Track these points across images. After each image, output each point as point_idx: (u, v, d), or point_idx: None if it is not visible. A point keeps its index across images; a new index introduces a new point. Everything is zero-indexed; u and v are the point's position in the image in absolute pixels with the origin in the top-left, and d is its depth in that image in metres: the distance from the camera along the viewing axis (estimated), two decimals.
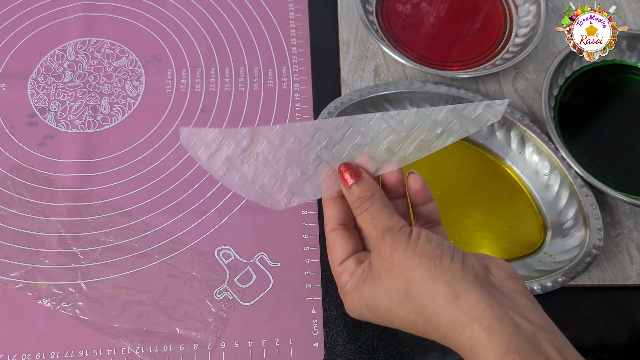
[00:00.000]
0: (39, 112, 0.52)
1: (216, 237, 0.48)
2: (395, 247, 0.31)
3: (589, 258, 0.45)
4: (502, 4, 0.60)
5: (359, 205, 0.33)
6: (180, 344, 0.44)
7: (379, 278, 0.31)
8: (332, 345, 0.45)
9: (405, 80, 0.53)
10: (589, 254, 0.45)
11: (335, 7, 0.59)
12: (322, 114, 0.50)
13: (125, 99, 0.54)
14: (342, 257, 0.34)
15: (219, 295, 0.46)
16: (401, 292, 0.30)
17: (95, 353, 0.43)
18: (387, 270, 0.31)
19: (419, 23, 0.58)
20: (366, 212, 0.32)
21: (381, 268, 0.31)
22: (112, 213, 0.48)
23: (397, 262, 0.30)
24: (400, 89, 0.52)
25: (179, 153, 0.51)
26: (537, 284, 0.44)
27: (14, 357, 0.43)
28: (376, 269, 0.32)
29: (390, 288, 0.31)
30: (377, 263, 0.32)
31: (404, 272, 0.30)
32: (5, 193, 0.49)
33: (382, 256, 0.31)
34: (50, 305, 0.45)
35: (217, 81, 0.55)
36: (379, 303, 0.31)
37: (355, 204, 0.33)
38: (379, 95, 0.51)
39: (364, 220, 0.33)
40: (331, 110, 0.50)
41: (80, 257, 0.46)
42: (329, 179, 0.35)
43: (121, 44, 0.56)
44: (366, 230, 0.33)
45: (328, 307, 0.46)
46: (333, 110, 0.50)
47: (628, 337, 0.47)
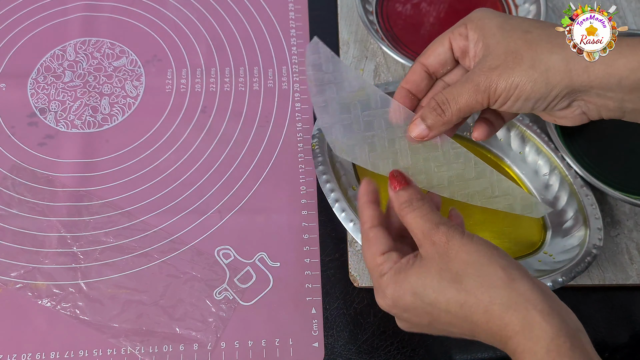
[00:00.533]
0: (39, 112, 0.52)
1: (216, 237, 0.48)
2: (452, 236, 0.33)
3: (589, 258, 0.45)
4: (502, 4, 0.60)
5: (409, 205, 0.35)
6: (180, 344, 0.44)
7: (430, 262, 0.33)
8: (332, 345, 0.45)
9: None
10: (589, 254, 0.45)
11: (335, 7, 0.59)
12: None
13: (125, 99, 0.54)
14: (384, 249, 0.35)
15: (219, 295, 0.46)
16: (454, 272, 0.32)
17: (95, 353, 0.43)
18: (440, 254, 0.32)
19: (419, 23, 0.58)
20: (417, 210, 0.34)
21: (434, 253, 0.33)
22: (112, 213, 0.48)
23: (453, 247, 0.32)
24: None
25: (179, 153, 0.51)
26: None
27: (14, 357, 0.43)
28: (427, 254, 0.33)
29: (442, 269, 0.32)
30: (428, 250, 0.33)
31: (460, 255, 0.32)
32: (5, 193, 0.49)
33: (436, 243, 0.33)
34: (50, 305, 0.45)
35: (217, 81, 0.55)
36: (427, 283, 0.32)
37: (405, 204, 0.35)
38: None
39: (414, 217, 0.34)
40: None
41: (80, 257, 0.46)
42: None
43: (121, 44, 0.56)
44: (415, 225, 0.34)
45: (328, 307, 0.46)
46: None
47: (628, 337, 0.47)
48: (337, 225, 0.46)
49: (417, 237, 0.34)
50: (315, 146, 0.48)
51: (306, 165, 0.51)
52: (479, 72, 0.35)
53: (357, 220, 0.45)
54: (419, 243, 0.34)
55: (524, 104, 0.35)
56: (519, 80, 0.34)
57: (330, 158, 0.48)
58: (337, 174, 0.48)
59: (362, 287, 0.47)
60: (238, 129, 0.53)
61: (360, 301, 0.47)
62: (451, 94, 0.36)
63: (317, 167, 0.47)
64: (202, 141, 0.52)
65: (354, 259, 0.47)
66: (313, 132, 0.49)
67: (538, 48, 0.34)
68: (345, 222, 0.45)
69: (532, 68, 0.34)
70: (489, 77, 0.34)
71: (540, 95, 0.34)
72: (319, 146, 0.48)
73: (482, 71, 0.35)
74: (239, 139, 0.52)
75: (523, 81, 0.34)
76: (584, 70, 0.34)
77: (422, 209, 0.35)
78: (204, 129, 0.53)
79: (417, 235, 0.34)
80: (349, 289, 0.47)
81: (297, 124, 0.53)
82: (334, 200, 0.45)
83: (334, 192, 0.45)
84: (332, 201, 0.45)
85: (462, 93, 0.35)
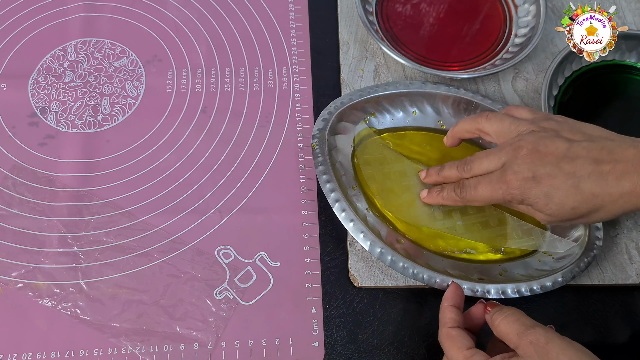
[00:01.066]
0: (40, 112, 0.53)
1: (216, 237, 0.48)
2: (551, 338, 0.34)
3: (588, 258, 0.45)
4: (502, 4, 0.60)
5: (500, 312, 0.37)
6: (180, 344, 0.44)
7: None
8: (332, 345, 0.45)
9: (405, 80, 0.53)
10: (588, 254, 0.45)
11: (335, 7, 0.59)
12: (322, 114, 0.50)
13: (126, 99, 0.54)
14: (469, 345, 0.37)
15: (220, 294, 0.46)
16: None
17: (96, 352, 0.44)
18: (540, 354, 0.34)
19: (419, 23, 0.58)
20: (510, 316, 0.37)
21: (533, 353, 0.34)
22: (112, 213, 0.48)
23: (554, 349, 0.34)
24: (400, 88, 0.52)
25: (179, 153, 0.51)
26: (537, 284, 0.44)
27: (14, 356, 0.43)
28: (525, 354, 0.35)
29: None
30: (527, 350, 0.35)
31: (561, 357, 0.34)
32: (6, 193, 0.49)
33: (534, 343, 0.34)
34: (50, 304, 0.45)
35: (217, 81, 0.55)
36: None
37: (496, 312, 0.37)
38: (379, 95, 0.52)
39: (508, 322, 0.36)
40: (331, 110, 0.50)
41: (80, 256, 0.47)
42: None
43: (121, 44, 0.56)
44: (509, 329, 0.36)
45: (328, 307, 0.46)
46: (333, 111, 0.50)
47: (628, 337, 0.47)
48: (337, 225, 0.46)
49: (513, 340, 0.36)
50: (315, 146, 0.48)
51: (306, 165, 0.51)
52: None
53: (357, 220, 0.45)
54: (515, 345, 0.36)
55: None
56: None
57: (330, 158, 0.48)
58: (337, 173, 0.48)
59: (362, 287, 0.47)
60: (238, 129, 0.53)
61: (360, 301, 0.47)
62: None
63: (317, 167, 0.47)
64: (202, 141, 0.52)
65: (354, 259, 0.47)
66: (313, 133, 0.49)
67: None
68: (345, 222, 0.45)
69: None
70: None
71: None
72: (319, 146, 0.48)
73: None
74: (239, 139, 0.52)
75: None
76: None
77: (514, 314, 0.37)
78: (205, 129, 0.53)
79: (513, 339, 0.36)
80: (349, 289, 0.47)
81: (297, 124, 0.53)
82: (334, 200, 0.45)
83: (334, 192, 0.45)
84: (332, 201, 0.45)
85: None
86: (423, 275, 0.44)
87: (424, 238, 0.47)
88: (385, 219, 0.48)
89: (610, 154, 0.37)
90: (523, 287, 0.44)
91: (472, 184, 0.43)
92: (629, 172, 0.36)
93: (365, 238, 0.44)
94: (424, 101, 0.53)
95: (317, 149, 0.48)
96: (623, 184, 0.36)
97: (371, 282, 0.46)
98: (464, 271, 0.45)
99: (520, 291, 0.44)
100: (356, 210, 0.46)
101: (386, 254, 0.44)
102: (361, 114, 0.52)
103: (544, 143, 0.39)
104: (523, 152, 0.40)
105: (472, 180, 0.43)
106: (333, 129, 0.50)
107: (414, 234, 0.47)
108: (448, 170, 0.46)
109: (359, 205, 0.47)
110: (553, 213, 0.39)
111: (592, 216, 0.39)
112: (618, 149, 0.37)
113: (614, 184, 0.37)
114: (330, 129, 0.49)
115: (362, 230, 0.44)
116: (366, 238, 0.44)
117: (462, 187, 0.44)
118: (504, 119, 0.43)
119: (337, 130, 0.50)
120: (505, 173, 0.40)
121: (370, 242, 0.44)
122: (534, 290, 0.44)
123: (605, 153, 0.38)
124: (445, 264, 0.46)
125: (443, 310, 0.39)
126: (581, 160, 0.38)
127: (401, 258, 0.44)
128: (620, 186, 0.37)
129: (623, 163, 0.37)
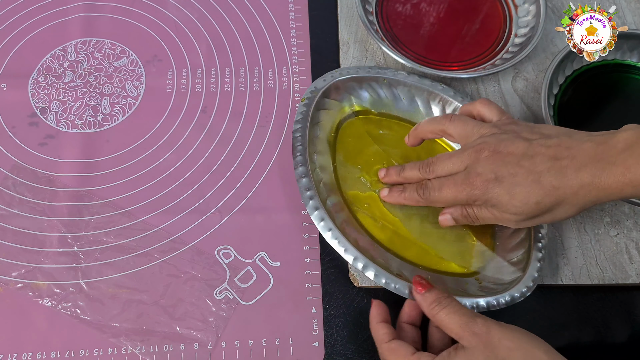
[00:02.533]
0: (40, 112, 0.53)
1: (216, 237, 0.48)
2: (491, 326, 0.37)
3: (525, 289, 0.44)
4: (502, 4, 0.60)
5: (439, 304, 0.39)
6: (180, 344, 0.44)
7: (474, 351, 0.36)
8: (332, 345, 0.45)
9: (390, 69, 0.54)
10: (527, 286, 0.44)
11: (335, 7, 0.59)
12: (317, 81, 0.52)
13: (126, 99, 0.54)
14: (412, 351, 0.39)
15: (220, 294, 0.46)
16: (501, 358, 0.35)
17: (96, 352, 0.44)
18: (485, 343, 0.36)
19: (419, 23, 0.58)
20: (448, 307, 0.38)
21: (478, 343, 0.36)
22: (112, 213, 0.48)
23: (495, 335, 0.36)
24: (388, 75, 0.53)
25: (179, 153, 0.51)
26: (505, 297, 0.43)
27: (14, 356, 0.43)
28: (470, 345, 0.36)
29: (489, 356, 0.36)
30: (471, 341, 0.36)
31: (504, 342, 0.36)
32: (6, 193, 0.49)
33: (477, 334, 0.36)
34: (50, 304, 0.45)
35: (217, 81, 0.55)
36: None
37: (434, 304, 0.39)
38: (377, 76, 0.53)
39: (447, 314, 0.38)
40: (327, 79, 0.52)
41: (80, 256, 0.47)
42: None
43: (121, 44, 0.56)
44: (450, 321, 0.38)
45: (328, 307, 0.46)
46: (329, 79, 0.52)
47: (628, 336, 0.47)
48: None
49: (455, 331, 0.37)
50: (304, 100, 0.50)
51: None
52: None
53: (334, 228, 0.44)
54: (459, 336, 0.37)
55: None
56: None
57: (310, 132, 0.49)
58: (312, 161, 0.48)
59: (362, 286, 0.47)
60: (238, 129, 0.53)
61: (360, 300, 0.47)
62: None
63: (297, 169, 0.46)
64: (202, 141, 0.52)
65: None
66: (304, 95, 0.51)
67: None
68: (323, 230, 0.44)
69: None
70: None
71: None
72: (307, 102, 0.49)
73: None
74: (239, 139, 0.52)
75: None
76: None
77: (452, 306, 0.38)
78: (205, 129, 0.53)
79: (454, 330, 0.37)
80: (349, 289, 0.47)
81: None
82: (313, 208, 0.45)
83: (312, 200, 0.45)
84: (310, 209, 0.45)
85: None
86: (395, 285, 0.42)
87: (398, 246, 0.46)
88: (361, 226, 0.47)
89: (568, 150, 0.39)
90: (493, 300, 0.42)
91: (435, 186, 0.43)
92: (587, 165, 0.37)
93: (340, 244, 0.43)
94: (418, 94, 0.53)
95: (303, 107, 0.49)
96: (582, 176, 0.37)
97: (371, 281, 0.46)
98: (435, 282, 0.44)
99: (491, 304, 0.42)
100: (333, 217, 0.45)
101: (360, 260, 0.43)
102: (347, 94, 0.52)
103: (504, 144, 0.40)
104: (485, 154, 0.40)
105: (436, 181, 0.43)
106: (319, 104, 0.51)
107: (387, 242, 0.47)
108: (409, 172, 0.46)
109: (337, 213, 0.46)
110: (518, 210, 0.40)
111: (557, 211, 0.39)
112: (575, 144, 0.39)
113: (573, 176, 0.38)
114: (323, 96, 0.51)
115: (337, 237, 0.43)
116: (341, 244, 0.43)
117: (424, 188, 0.44)
118: (467, 121, 0.44)
119: (324, 106, 0.51)
120: (469, 175, 0.41)
121: (344, 248, 0.43)
122: (501, 303, 0.42)
123: (563, 149, 0.39)
124: (417, 273, 0.45)
125: (374, 329, 0.41)
126: (540, 157, 0.39)
127: (374, 266, 0.43)
128: (579, 178, 0.37)
129: (580, 157, 0.38)
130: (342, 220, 0.46)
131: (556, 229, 0.50)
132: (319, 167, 0.48)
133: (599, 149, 0.37)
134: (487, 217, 0.42)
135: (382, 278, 0.42)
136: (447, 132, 0.45)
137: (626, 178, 0.36)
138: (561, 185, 0.38)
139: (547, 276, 0.48)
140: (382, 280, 0.42)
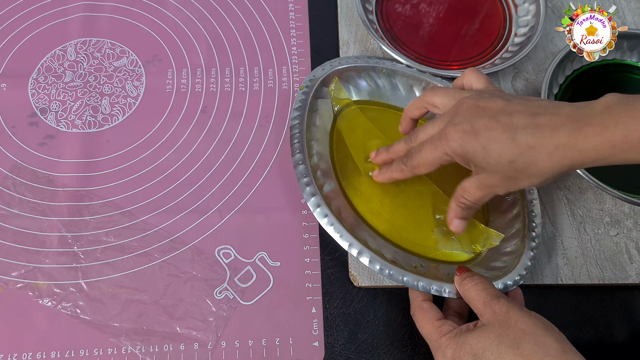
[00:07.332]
0: (40, 112, 0.53)
1: (216, 237, 0.48)
2: (512, 307, 0.38)
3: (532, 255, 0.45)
4: (502, 3, 0.60)
5: (471, 278, 0.41)
6: (180, 343, 0.44)
7: (491, 328, 0.37)
8: (332, 345, 0.45)
9: (389, 60, 0.54)
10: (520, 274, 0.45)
11: (335, 7, 0.59)
12: (316, 70, 0.52)
13: (126, 99, 0.54)
14: (440, 316, 0.41)
15: (220, 294, 0.46)
16: (512, 338, 0.36)
17: (96, 352, 0.44)
18: (500, 322, 0.37)
19: (419, 23, 0.58)
20: (479, 284, 0.40)
21: (494, 320, 0.37)
22: (112, 213, 0.48)
23: (513, 317, 0.37)
24: (370, 63, 0.53)
25: (179, 153, 0.51)
26: (506, 281, 0.44)
27: (14, 356, 0.43)
28: (488, 321, 0.38)
29: (502, 335, 0.36)
30: (489, 318, 0.38)
31: (519, 324, 0.36)
32: (6, 193, 0.49)
33: (497, 312, 0.38)
34: (51, 304, 0.45)
35: (217, 81, 0.55)
36: (487, 347, 0.36)
37: (467, 277, 0.41)
38: (375, 66, 0.53)
39: (476, 290, 0.40)
40: (325, 67, 0.52)
41: (80, 256, 0.47)
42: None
43: (121, 44, 0.56)
44: (477, 296, 0.39)
45: (328, 307, 0.46)
46: (328, 68, 0.52)
47: (628, 336, 0.47)
48: None
49: (478, 307, 0.39)
50: (303, 88, 0.50)
51: None
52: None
53: (330, 214, 0.44)
54: (480, 312, 0.39)
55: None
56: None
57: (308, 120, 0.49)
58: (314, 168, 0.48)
59: (362, 286, 0.47)
60: (238, 129, 0.53)
61: (360, 300, 0.47)
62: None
63: (294, 155, 0.47)
64: (202, 141, 0.52)
65: (354, 259, 0.47)
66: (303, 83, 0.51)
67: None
68: (319, 216, 0.44)
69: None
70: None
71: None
72: (306, 89, 0.50)
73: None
74: (239, 139, 0.52)
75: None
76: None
77: (483, 283, 0.40)
78: (205, 128, 0.53)
79: (478, 306, 0.39)
80: (349, 289, 0.47)
81: None
82: (309, 194, 0.45)
83: (310, 187, 0.45)
84: (307, 195, 0.45)
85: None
86: (390, 272, 0.43)
87: (393, 234, 0.47)
88: (359, 215, 0.47)
89: (547, 109, 0.38)
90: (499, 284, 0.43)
91: (416, 149, 0.43)
92: (564, 124, 0.37)
93: (336, 230, 0.44)
94: (416, 84, 0.53)
95: (301, 97, 0.49)
96: (559, 135, 0.37)
97: (371, 281, 0.46)
98: (434, 270, 0.45)
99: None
100: (330, 204, 0.46)
101: (355, 246, 0.43)
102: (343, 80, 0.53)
103: (484, 100, 0.40)
104: (463, 107, 0.40)
105: (417, 145, 0.43)
106: (318, 92, 0.51)
107: (383, 229, 0.47)
108: (396, 145, 0.46)
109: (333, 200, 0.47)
110: (492, 168, 0.39)
111: (531, 171, 0.38)
112: (554, 106, 0.38)
113: (550, 135, 0.37)
114: (321, 85, 0.51)
115: (332, 223, 0.44)
116: (336, 230, 0.44)
117: (408, 155, 0.44)
118: (449, 89, 0.44)
119: (322, 95, 0.52)
120: (445, 127, 0.40)
121: (340, 234, 0.44)
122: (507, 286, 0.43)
123: (542, 109, 0.38)
124: (414, 260, 0.46)
125: (413, 292, 0.43)
126: (518, 114, 0.38)
127: (370, 253, 0.43)
128: (555, 137, 0.37)
129: (559, 116, 0.37)
130: (338, 207, 0.46)
131: (556, 229, 0.50)
132: (316, 155, 0.48)
133: (578, 111, 0.37)
134: (474, 186, 0.41)
135: (377, 264, 0.43)
136: (431, 103, 0.44)
137: (604, 137, 0.35)
138: (537, 145, 0.37)
139: (547, 276, 0.48)
140: (377, 267, 0.43)
